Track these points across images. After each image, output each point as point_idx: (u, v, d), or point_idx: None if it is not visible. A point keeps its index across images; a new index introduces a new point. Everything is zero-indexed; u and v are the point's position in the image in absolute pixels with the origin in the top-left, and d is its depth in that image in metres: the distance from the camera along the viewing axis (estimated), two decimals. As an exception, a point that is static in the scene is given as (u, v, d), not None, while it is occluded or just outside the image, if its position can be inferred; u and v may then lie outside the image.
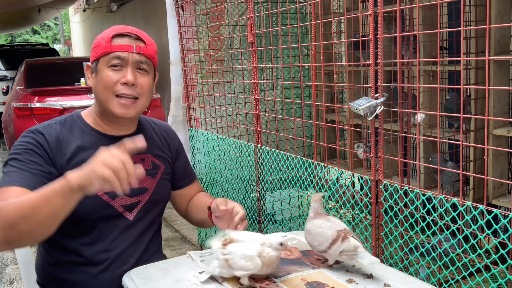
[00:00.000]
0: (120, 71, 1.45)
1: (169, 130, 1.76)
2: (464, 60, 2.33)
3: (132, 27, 1.53)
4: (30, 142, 1.42)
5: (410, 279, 1.34)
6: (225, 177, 3.02)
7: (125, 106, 1.47)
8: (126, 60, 1.45)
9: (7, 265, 3.56)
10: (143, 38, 1.49)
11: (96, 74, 1.48)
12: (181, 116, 3.43)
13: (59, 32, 24.72)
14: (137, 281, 1.35)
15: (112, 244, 1.51)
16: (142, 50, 1.47)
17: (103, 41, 1.47)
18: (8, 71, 9.92)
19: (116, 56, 1.45)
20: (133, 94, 1.47)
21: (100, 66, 1.47)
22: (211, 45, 3.42)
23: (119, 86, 1.45)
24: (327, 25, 3.03)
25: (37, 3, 9.26)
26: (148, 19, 8.29)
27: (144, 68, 1.49)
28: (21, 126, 5.26)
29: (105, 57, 1.46)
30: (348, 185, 2.81)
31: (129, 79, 1.44)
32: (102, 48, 1.46)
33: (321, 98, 2.60)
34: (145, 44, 1.49)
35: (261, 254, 1.26)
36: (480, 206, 1.42)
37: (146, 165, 1.59)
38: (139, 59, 1.47)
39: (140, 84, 1.47)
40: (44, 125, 1.49)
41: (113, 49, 1.45)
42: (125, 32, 1.48)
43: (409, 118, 2.52)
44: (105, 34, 1.49)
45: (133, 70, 1.46)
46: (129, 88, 1.46)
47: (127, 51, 1.45)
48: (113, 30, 1.49)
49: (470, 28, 2.37)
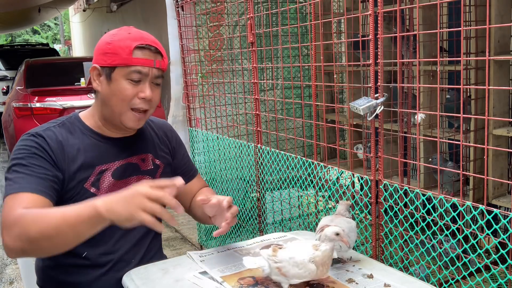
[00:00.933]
0: (138, 85, 1.43)
1: (167, 127, 1.74)
2: (464, 60, 2.33)
3: (149, 35, 1.48)
4: (32, 146, 1.40)
5: (410, 279, 1.34)
6: (225, 177, 3.02)
7: (138, 119, 1.47)
8: (146, 75, 1.44)
9: (7, 265, 3.56)
10: (161, 51, 1.47)
11: (109, 81, 1.44)
12: (181, 116, 3.43)
13: (59, 32, 24.71)
14: (137, 281, 1.35)
15: (114, 246, 1.51)
16: (162, 65, 1.47)
17: (123, 51, 1.41)
18: (8, 71, 9.92)
19: (137, 70, 1.42)
20: (147, 108, 1.47)
21: (117, 76, 1.42)
22: (211, 45, 3.42)
23: (136, 100, 1.44)
24: (327, 25, 3.03)
25: (37, 3, 9.26)
26: (148, 19, 8.29)
27: (159, 83, 1.49)
28: (21, 126, 5.26)
29: (124, 68, 1.42)
30: (348, 185, 2.81)
31: (148, 95, 1.44)
32: (121, 58, 1.41)
33: (321, 98, 2.60)
34: (162, 58, 1.47)
35: (314, 258, 1.21)
36: (480, 206, 1.42)
37: (147, 165, 1.59)
38: (157, 74, 1.46)
39: (153, 97, 1.47)
40: (43, 128, 1.46)
41: (135, 63, 1.41)
42: (146, 44, 1.44)
43: (409, 118, 2.52)
44: (124, 43, 1.42)
45: (150, 85, 1.45)
46: (145, 103, 1.45)
47: (148, 66, 1.43)
48: (134, 39, 1.43)
49: (470, 28, 2.38)
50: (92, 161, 1.46)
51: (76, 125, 1.51)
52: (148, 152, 1.60)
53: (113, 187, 1.48)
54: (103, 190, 1.47)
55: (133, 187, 1.18)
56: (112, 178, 1.49)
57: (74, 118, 1.53)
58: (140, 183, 1.21)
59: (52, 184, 1.37)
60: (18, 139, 1.45)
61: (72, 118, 1.53)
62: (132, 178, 1.54)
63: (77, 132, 1.49)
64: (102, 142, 1.51)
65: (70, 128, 1.49)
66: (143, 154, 1.59)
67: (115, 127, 1.52)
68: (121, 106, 1.44)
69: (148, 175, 1.57)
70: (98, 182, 1.46)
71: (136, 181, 1.54)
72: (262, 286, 1.29)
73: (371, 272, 1.37)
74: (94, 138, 1.50)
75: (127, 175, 1.53)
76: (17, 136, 5.27)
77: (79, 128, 1.50)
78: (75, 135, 1.48)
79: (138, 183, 1.22)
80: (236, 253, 1.53)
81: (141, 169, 1.57)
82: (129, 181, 1.52)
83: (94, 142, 1.50)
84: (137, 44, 1.42)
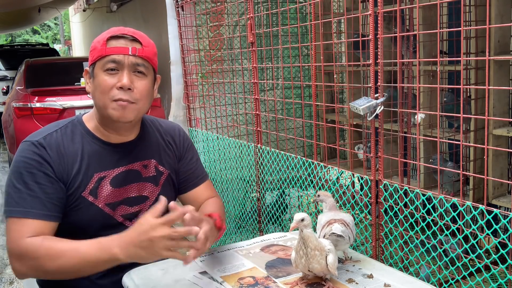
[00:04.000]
0: (116, 75, 1.38)
1: (175, 132, 1.66)
2: (464, 60, 2.33)
3: (129, 28, 1.46)
4: (33, 159, 1.37)
5: (410, 279, 1.34)
6: (225, 177, 3.02)
7: (122, 108, 1.39)
8: (122, 63, 1.38)
9: (7, 265, 3.56)
10: (140, 39, 1.42)
11: (93, 78, 1.42)
12: (181, 116, 3.43)
13: (59, 32, 24.71)
14: (137, 281, 1.35)
15: None
16: (139, 52, 1.40)
17: (99, 44, 1.40)
18: (8, 71, 9.90)
19: (111, 59, 1.38)
20: (129, 99, 1.39)
21: (97, 71, 1.40)
22: (211, 45, 3.42)
23: (115, 91, 1.38)
24: (327, 25, 3.03)
25: (37, 3, 9.25)
26: (148, 19, 8.29)
27: (141, 71, 1.41)
28: (21, 126, 5.25)
29: (100, 60, 1.39)
30: (348, 185, 2.81)
31: (125, 83, 1.37)
32: (98, 51, 1.40)
33: (321, 98, 2.60)
34: (142, 46, 1.41)
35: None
36: (480, 206, 1.42)
37: (149, 172, 1.54)
38: (136, 62, 1.40)
39: (137, 88, 1.40)
40: (44, 134, 1.43)
41: (108, 52, 1.38)
42: (121, 33, 1.41)
43: (409, 118, 2.52)
44: (101, 37, 1.42)
45: (129, 74, 1.39)
46: (125, 93, 1.38)
47: (122, 53, 1.38)
48: (109, 32, 1.42)
49: (470, 28, 2.37)
50: (90, 168, 1.43)
51: (78, 129, 1.48)
52: (152, 158, 1.55)
53: (112, 195, 1.45)
54: (102, 199, 1.44)
55: (147, 231, 1.20)
56: (110, 187, 1.45)
57: (77, 121, 1.50)
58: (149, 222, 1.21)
59: (56, 202, 1.36)
60: (18, 139, 1.44)
61: (75, 121, 1.50)
62: (132, 185, 1.50)
63: (78, 136, 1.46)
64: (102, 148, 1.47)
65: (72, 133, 1.46)
66: (146, 160, 1.54)
67: (112, 128, 1.47)
68: (103, 99, 1.39)
69: (150, 182, 1.53)
70: (96, 190, 1.43)
71: (136, 188, 1.50)
72: (262, 286, 1.30)
73: (371, 272, 1.37)
74: (95, 143, 1.47)
75: (127, 182, 1.49)
76: (17, 136, 5.26)
77: (81, 132, 1.47)
78: (76, 140, 1.45)
79: (145, 221, 1.22)
80: (236, 253, 1.53)
81: (142, 176, 1.52)
82: (129, 189, 1.49)
83: (94, 148, 1.46)
84: (111, 35, 1.41)
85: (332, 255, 1.26)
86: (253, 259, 1.48)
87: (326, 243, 1.29)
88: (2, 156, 7.99)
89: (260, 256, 1.50)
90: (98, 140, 1.48)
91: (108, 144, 1.48)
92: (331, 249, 1.28)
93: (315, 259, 1.25)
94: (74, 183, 1.41)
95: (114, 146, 1.49)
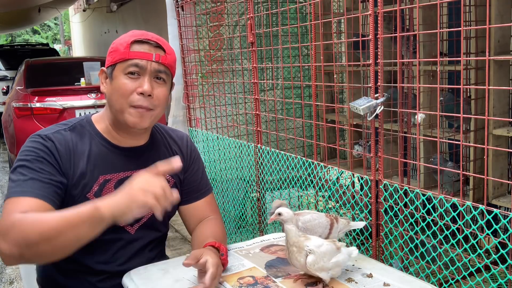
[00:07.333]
0: (137, 80, 1.38)
1: (183, 142, 1.65)
2: (464, 60, 2.33)
3: (153, 33, 1.45)
4: (40, 149, 1.36)
5: (410, 279, 1.34)
6: (225, 177, 3.02)
7: (139, 115, 1.39)
8: (144, 69, 1.38)
9: (7, 265, 3.56)
10: (163, 46, 1.42)
11: (111, 80, 1.41)
12: (181, 116, 3.43)
13: (59, 32, 24.72)
14: (137, 281, 1.35)
15: (113, 257, 1.48)
16: (162, 59, 1.40)
17: (121, 47, 1.39)
18: (8, 71, 9.90)
19: (134, 63, 1.38)
20: (148, 106, 1.39)
21: (116, 73, 1.40)
22: (211, 45, 3.42)
23: (135, 96, 1.38)
24: (327, 25, 3.03)
25: (37, 3, 9.26)
26: (148, 19, 8.30)
27: (162, 78, 1.42)
28: (21, 126, 5.25)
29: (122, 63, 1.39)
30: (348, 185, 2.81)
31: (146, 89, 1.37)
32: (120, 53, 1.39)
33: (321, 98, 2.60)
34: (165, 53, 1.42)
35: None
36: (480, 206, 1.42)
37: None
38: (158, 68, 1.40)
39: (156, 94, 1.40)
40: (53, 131, 1.42)
41: (131, 56, 1.38)
42: (145, 38, 1.40)
43: (409, 118, 2.52)
44: (123, 39, 1.41)
45: (150, 80, 1.39)
46: (145, 99, 1.38)
47: (146, 59, 1.38)
48: (133, 35, 1.41)
49: (470, 28, 2.37)
50: (96, 169, 1.43)
51: (87, 129, 1.47)
52: None
53: None
54: None
55: (144, 175, 1.18)
56: (114, 190, 1.42)
57: (86, 122, 1.49)
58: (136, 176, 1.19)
59: (56, 189, 1.34)
60: (18, 139, 1.42)
61: (84, 121, 1.49)
62: None
63: (86, 137, 1.45)
64: (110, 150, 1.46)
65: (80, 133, 1.45)
66: None
67: (125, 131, 1.47)
68: (121, 103, 1.39)
69: None
70: (100, 193, 1.42)
71: None
72: (262, 286, 1.30)
73: (371, 271, 1.37)
74: (103, 145, 1.46)
75: None
76: (17, 136, 5.26)
77: (89, 133, 1.46)
78: (84, 140, 1.44)
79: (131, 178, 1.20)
80: (236, 253, 1.54)
81: None
82: None
83: (102, 150, 1.45)
84: (135, 39, 1.40)
85: (313, 256, 1.24)
86: (252, 259, 1.48)
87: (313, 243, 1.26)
88: (2, 156, 7.99)
89: (260, 256, 1.50)
90: (106, 142, 1.47)
91: (117, 147, 1.48)
92: (314, 251, 1.24)
93: (293, 255, 1.26)
94: (79, 183, 1.40)
95: (122, 150, 1.48)
